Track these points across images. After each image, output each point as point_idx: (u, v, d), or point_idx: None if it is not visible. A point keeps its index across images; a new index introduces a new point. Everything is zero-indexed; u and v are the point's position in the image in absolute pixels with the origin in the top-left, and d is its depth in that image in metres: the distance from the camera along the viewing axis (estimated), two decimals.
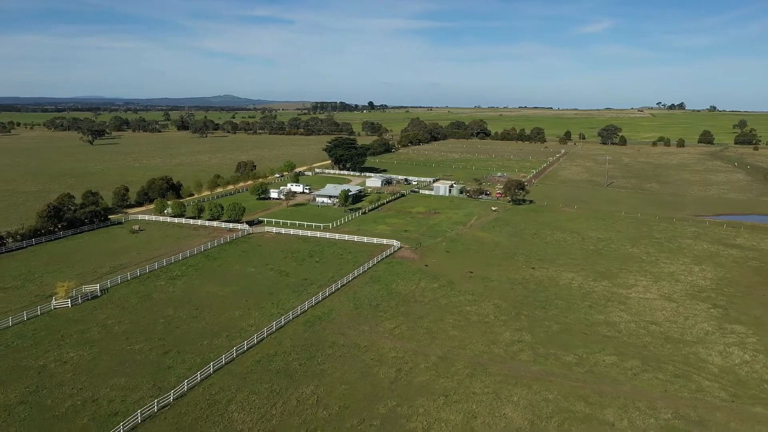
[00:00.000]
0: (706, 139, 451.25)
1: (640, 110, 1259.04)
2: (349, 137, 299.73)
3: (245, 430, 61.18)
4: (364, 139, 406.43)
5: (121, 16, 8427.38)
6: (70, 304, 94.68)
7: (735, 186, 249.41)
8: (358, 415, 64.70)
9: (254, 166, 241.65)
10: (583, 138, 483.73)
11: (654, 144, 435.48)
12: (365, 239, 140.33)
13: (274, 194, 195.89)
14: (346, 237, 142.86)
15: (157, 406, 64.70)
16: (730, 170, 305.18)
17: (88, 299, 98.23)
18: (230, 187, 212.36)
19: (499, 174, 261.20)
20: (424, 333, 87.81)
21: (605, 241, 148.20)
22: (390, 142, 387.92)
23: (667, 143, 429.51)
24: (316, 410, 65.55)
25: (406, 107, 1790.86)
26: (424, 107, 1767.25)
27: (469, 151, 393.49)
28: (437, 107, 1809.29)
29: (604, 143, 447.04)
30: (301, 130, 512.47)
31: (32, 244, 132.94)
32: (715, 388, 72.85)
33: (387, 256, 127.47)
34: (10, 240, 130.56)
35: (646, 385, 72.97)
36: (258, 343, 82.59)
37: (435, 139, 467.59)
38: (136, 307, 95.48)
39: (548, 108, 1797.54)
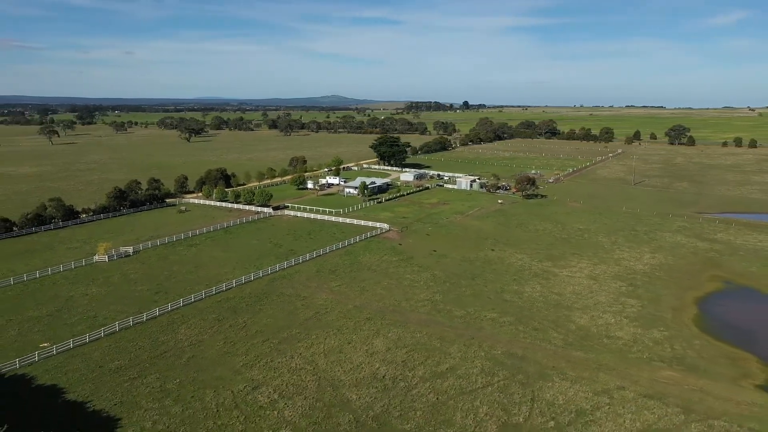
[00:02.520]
0: None
1: (752, 109, 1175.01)
2: (393, 136, 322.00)
3: (184, 340, 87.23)
4: (426, 138, 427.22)
5: (239, 21, 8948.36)
6: (107, 260, 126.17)
7: None
8: (266, 335, 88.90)
9: (305, 161, 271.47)
10: (654, 138, 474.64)
11: (724, 144, 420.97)
12: (362, 222, 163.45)
13: (310, 185, 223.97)
14: (348, 220, 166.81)
15: (132, 322, 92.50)
16: None
17: (121, 257, 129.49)
18: (277, 179, 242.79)
19: (533, 171, 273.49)
20: (357, 291, 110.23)
21: (582, 231, 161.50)
22: (450, 141, 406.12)
23: (739, 143, 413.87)
24: (238, 331, 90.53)
25: (502, 106, 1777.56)
26: (520, 106, 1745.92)
27: (524, 150, 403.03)
28: (534, 106, 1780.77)
29: (672, 143, 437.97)
30: (377, 129, 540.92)
31: (100, 218, 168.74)
32: (558, 338, 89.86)
33: (371, 236, 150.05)
34: (84, 215, 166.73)
35: (502, 333, 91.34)
36: (226, 290, 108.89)
37: (499, 138, 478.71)
38: (152, 264, 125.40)
39: (659, 107, 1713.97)
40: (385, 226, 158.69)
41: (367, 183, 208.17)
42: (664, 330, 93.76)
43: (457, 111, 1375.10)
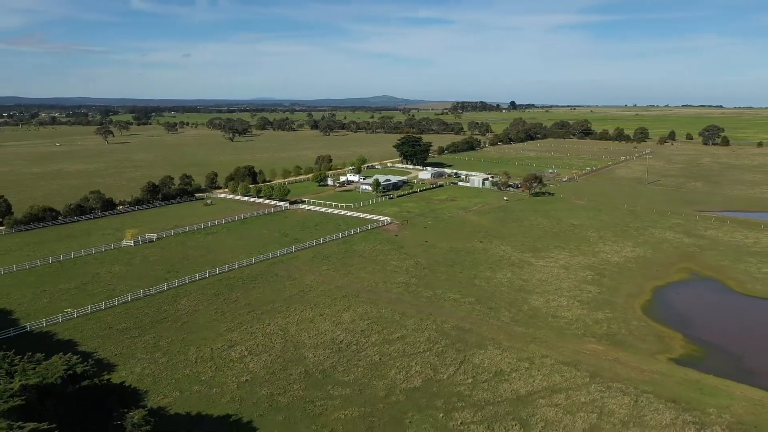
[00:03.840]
0: None
1: None
2: (415, 136, 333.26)
3: (182, 309, 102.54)
4: (460, 138, 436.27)
5: (293, 22, 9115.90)
6: (132, 244, 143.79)
7: None
8: (252, 308, 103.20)
9: (331, 160, 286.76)
10: (690, 138, 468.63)
11: (759, 144, 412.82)
12: (368, 216, 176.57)
13: (330, 182, 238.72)
14: (355, 214, 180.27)
15: (142, 294, 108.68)
16: None
17: (146, 242, 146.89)
18: (302, 176, 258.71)
19: (550, 170, 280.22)
20: (342, 274, 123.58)
21: (575, 226, 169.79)
22: (480, 141, 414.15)
23: None
24: (230, 304, 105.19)
25: (551, 106, 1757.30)
26: (569, 106, 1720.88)
27: (551, 150, 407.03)
28: (583, 106, 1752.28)
29: (705, 143, 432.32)
30: (413, 129, 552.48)
31: (134, 210, 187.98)
32: (507, 316, 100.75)
33: (372, 228, 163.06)
34: (120, 206, 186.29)
35: (459, 311, 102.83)
36: (228, 270, 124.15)
37: (531, 138, 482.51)
38: (171, 249, 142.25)
39: (716, 106, 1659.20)
40: (387, 219, 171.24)
41: (382, 180, 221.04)
42: (609, 312, 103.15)
43: (503, 111, 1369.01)
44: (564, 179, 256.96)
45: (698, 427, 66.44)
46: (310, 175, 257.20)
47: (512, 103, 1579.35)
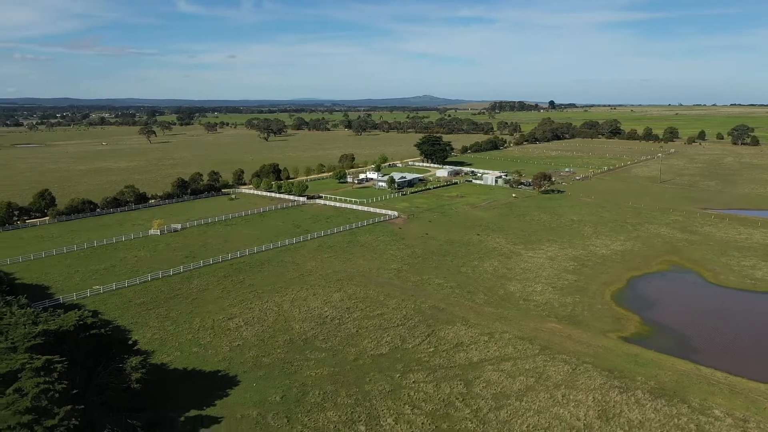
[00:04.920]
0: None
1: None
2: (435, 135, 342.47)
3: (193, 288, 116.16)
4: (483, 137, 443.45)
5: (336, 23, 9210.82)
6: (158, 233, 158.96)
7: None
8: (254, 288, 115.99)
9: (353, 158, 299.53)
10: (721, 138, 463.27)
11: None
12: (378, 210, 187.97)
13: (349, 179, 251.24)
14: (366, 209, 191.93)
15: (161, 275, 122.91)
16: None
17: (171, 232, 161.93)
18: (323, 174, 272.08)
19: (566, 169, 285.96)
20: (341, 261, 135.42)
21: (574, 222, 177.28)
22: (505, 140, 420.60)
23: None
24: (236, 284, 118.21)
25: (591, 106, 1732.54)
26: (609, 106, 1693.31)
27: (574, 149, 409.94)
28: (624, 105, 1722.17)
29: (734, 143, 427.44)
30: (443, 129, 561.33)
31: (165, 204, 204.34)
32: (482, 299, 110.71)
33: (378, 221, 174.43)
34: (152, 200, 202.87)
35: (439, 293, 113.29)
36: (239, 257, 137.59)
37: (558, 138, 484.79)
38: (192, 237, 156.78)
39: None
40: (395, 213, 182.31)
41: (397, 177, 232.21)
42: (578, 297, 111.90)
43: (542, 111, 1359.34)
44: (577, 177, 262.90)
45: (621, 390, 75.55)
46: (332, 173, 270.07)
47: (551, 103, 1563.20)
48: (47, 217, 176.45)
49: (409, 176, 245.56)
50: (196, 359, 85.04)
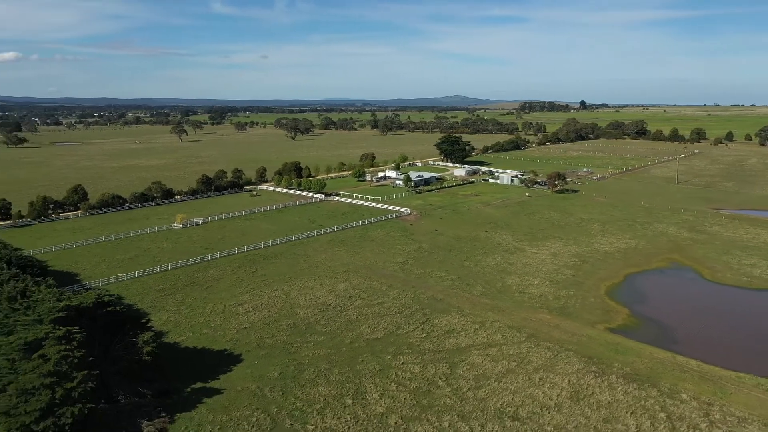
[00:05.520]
0: None
1: None
2: (455, 135, 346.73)
3: (209, 277, 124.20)
4: (507, 137, 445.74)
5: (367, 23, 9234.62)
6: (181, 226, 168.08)
7: None
8: (266, 277, 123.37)
9: (374, 157, 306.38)
10: (750, 139, 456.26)
11: None
12: (392, 207, 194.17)
13: (367, 177, 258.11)
14: (381, 206, 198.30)
15: (180, 264, 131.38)
16: None
17: (193, 225, 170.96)
18: (344, 172, 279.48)
19: (584, 169, 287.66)
20: (353, 254, 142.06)
21: (583, 220, 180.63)
22: (528, 141, 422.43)
23: None
24: (249, 274, 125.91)
25: (623, 106, 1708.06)
26: (642, 106, 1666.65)
27: (596, 150, 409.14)
28: (658, 105, 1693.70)
29: (762, 144, 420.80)
30: (468, 129, 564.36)
31: (190, 199, 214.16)
32: (479, 290, 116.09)
33: (391, 218, 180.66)
34: (178, 196, 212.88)
35: (439, 285, 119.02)
36: (255, 249, 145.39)
37: (582, 138, 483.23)
38: (212, 231, 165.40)
39: None
40: (408, 210, 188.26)
41: (413, 176, 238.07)
42: (573, 291, 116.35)
43: (572, 111, 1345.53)
44: (594, 177, 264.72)
45: (597, 375, 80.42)
46: (351, 171, 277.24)
47: (582, 103, 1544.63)
48: (79, 211, 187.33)
49: (426, 175, 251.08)
50: (205, 339, 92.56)
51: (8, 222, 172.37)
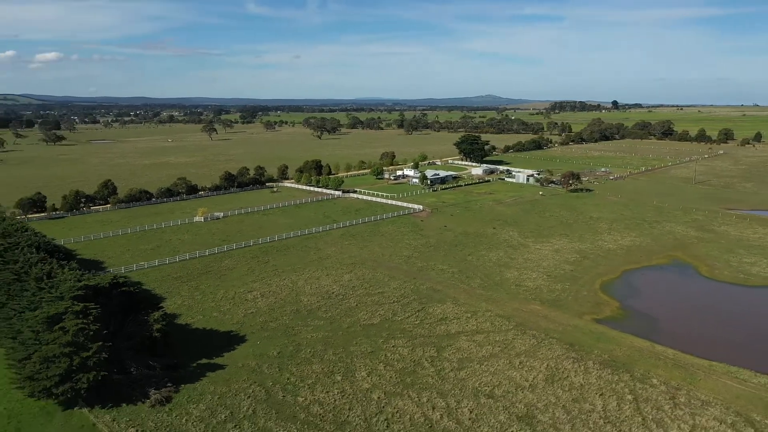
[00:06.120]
0: None
1: None
2: (474, 134, 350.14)
3: (223, 266, 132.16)
4: (532, 137, 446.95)
5: (399, 23, 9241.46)
6: (202, 220, 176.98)
7: None
8: (276, 268, 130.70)
9: (394, 156, 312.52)
10: None
11: None
12: (404, 204, 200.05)
13: (386, 175, 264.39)
14: (395, 202, 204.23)
15: (197, 254, 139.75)
16: None
17: (213, 219, 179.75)
18: (363, 170, 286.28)
19: (602, 169, 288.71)
20: (361, 248, 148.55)
21: (592, 219, 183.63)
22: (551, 140, 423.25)
23: None
24: (261, 264, 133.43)
25: (657, 106, 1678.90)
26: (675, 106, 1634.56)
27: (619, 150, 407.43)
28: (693, 105, 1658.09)
29: None
30: (492, 129, 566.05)
31: (213, 195, 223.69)
32: (477, 283, 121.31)
33: (403, 214, 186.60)
34: (202, 191, 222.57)
35: (440, 277, 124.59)
36: (269, 241, 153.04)
37: (606, 138, 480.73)
38: (231, 224, 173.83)
39: None
40: (420, 207, 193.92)
41: (429, 175, 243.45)
42: (568, 284, 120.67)
43: (603, 111, 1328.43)
44: (611, 177, 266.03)
45: (575, 360, 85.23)
46: (370, 170, 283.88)
47: (614, 103, 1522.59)
48: (109, 205, 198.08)
49: (443, 173, 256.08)
50: (214, 322, 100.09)
51: (43, 214, 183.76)
